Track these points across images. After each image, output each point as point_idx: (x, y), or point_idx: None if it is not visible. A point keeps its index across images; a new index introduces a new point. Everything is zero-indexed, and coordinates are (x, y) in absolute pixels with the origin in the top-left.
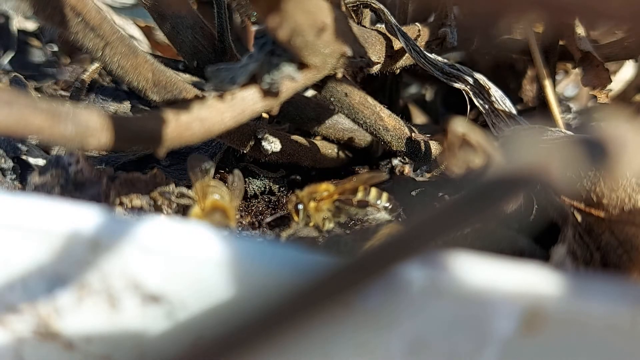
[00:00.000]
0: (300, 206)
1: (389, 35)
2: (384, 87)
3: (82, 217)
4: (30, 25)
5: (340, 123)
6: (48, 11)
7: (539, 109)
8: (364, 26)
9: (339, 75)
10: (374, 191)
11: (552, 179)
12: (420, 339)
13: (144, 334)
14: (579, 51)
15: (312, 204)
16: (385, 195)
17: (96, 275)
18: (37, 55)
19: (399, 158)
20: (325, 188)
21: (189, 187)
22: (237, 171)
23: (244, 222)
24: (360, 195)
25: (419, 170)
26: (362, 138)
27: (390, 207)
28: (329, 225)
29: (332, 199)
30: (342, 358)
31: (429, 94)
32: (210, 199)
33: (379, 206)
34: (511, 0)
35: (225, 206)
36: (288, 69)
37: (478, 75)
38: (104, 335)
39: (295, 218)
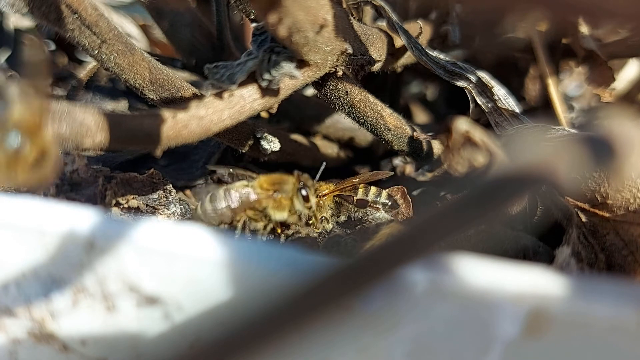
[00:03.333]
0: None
1: (390, 33)
2: (385, 86)
3: (78, 217)
4: (27, 24)
5: (340, 122)
6: (43, 9)
7: (542, 108)
8: (365, 24)
9: (340, 73)
10: (373, 189)
11: (557, 179)
12: (422, 343)
13: (140, 336)
14: (582, 49)
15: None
16: (384, 192)
17: (91, 277)
18: None
19: (400, 158)
20: (326, 187)
21: (187, 187)
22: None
23: None
24: (360, 192)
25: (420, 170)
26: (363, 137)
27: (390, 204)
28: (329, 226)
29: (332, 195)
30: None
31: (430, 93)
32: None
33: (378, 203)
34: None
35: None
36: (287, 66)
37: (481, 73)
38: (100, 338)
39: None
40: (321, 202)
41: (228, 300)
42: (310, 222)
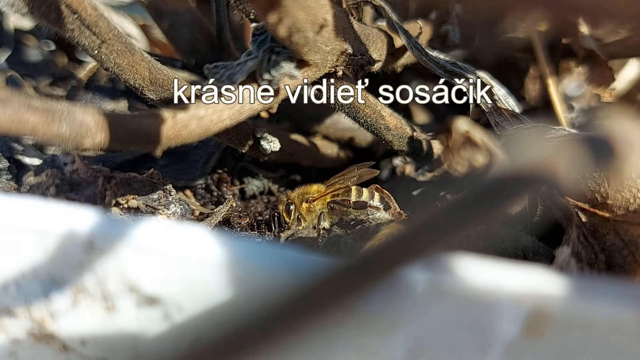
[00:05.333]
0: (292, 207)
1: (390, 33)
2: None
3: (78, 217)
4: (27, 24)
5: (340, 122)
6: (43, 9)
7: (542, 108)
8: (365, 24)
9: (340, 73)
10: (366, 191)
11: (557, 179)
12: (422, 343)
13: (140, 337)
14: (582, 49)
15: (304, 205)
16: (377, 194)
17: (91, 277)
18: (34, 54)
19: (400, 158)
20: (317, 189)
21: (186, 187)
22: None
23: (242, 223)
24: (354, 195)
25: (420, 170)
26: (363, 137)
27: (383, 205)
28: (324, 225)
29: (324, 199)
30: None
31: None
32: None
33: (373, 205)
34: None
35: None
36: (287, 66)
37: (481, 73)
38: (100, 338)
39: (287, 219)
40: (311, 206)
41: (228, 301)
42: (303, 225)
